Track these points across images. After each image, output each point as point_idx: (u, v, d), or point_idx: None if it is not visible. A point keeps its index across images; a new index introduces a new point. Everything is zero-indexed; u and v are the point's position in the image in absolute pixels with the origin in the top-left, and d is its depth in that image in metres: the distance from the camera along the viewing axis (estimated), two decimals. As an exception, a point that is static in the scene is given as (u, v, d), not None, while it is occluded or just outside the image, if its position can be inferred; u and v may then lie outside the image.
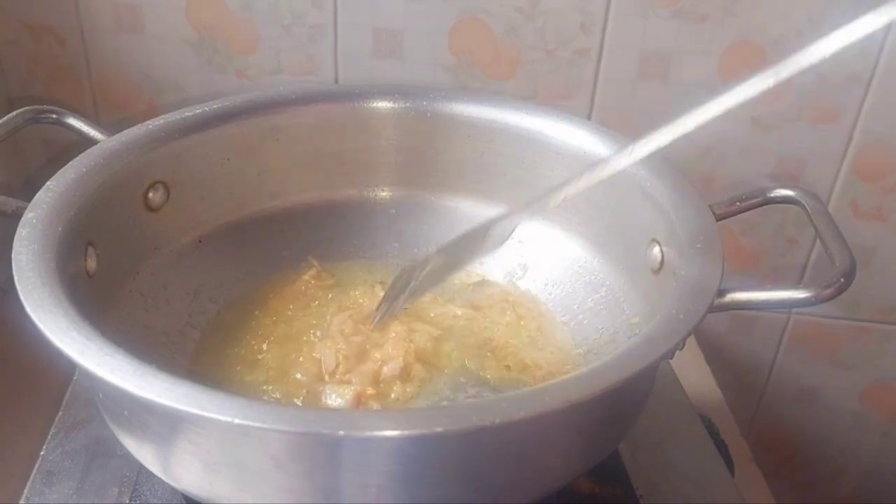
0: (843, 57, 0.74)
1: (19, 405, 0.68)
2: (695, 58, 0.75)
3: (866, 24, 0.45)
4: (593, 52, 0.76)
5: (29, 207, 0.48)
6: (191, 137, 0.58)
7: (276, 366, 0.55)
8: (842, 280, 0.46)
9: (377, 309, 0.57)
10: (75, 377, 0.62)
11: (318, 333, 0.57)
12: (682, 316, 0.44)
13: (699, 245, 0.49)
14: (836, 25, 0.74)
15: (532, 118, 0.62)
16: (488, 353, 0.57)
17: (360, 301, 0.60)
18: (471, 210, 0.65)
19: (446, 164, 0.65)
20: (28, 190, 0.50)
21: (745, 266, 0.85)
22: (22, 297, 0.42)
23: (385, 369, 0.53)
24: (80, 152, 0.54)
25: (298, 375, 0.54)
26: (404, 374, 0.54)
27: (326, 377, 0.53)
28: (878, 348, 0.89)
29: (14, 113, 0.57)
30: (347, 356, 0.54)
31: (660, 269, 0.53)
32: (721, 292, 0.46)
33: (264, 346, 0.57)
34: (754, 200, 0.55)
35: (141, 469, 0.54)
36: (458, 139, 0.64)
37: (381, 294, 0.59)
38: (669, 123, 0.46)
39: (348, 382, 0.53)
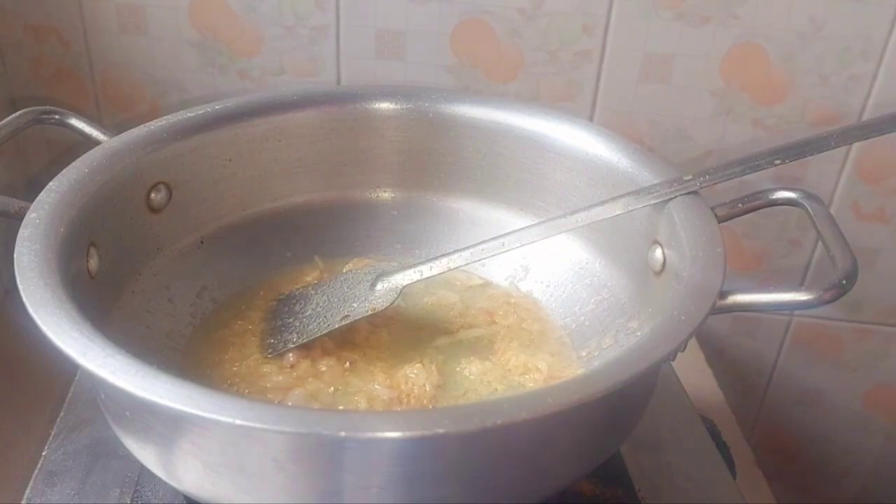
0: (846, 57, 0.74)
1: (21, 405, 0.68)
2: (697, 59, 0.75)
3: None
4: (595, 54, 0.76)
5: (31, 208, 0.48)
6: (193, 138, 0.58)
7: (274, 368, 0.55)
8: (844, 282, 0.45)
9: (267, 338, 0.57)
10: (77, 377, 0.62)
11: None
12: (683, 318, 0.44)
13: (701, 247, 0.49)
14: (837, 26, 0.74)
15: (534, 120, 0.62)
16: (490, 356, 0.57)
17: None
18: (472, 211, 0.65)
19: (448, 166, 0.65)
20: (30, 190, 0.50)
21: (747, 268, 0.85)
22: (24, 298, 0.42)
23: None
24: (82, 153, 0.54)
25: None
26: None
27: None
28: (880, 350, 0.89)
29: (17, 113, 0.57)
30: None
31: (662, 270, 0.53)
32: (723, 294, 0.46)
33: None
34: (756, 202, 0.55)
35: (142, 470, 0.54)
36: (460, 141, 0.64)
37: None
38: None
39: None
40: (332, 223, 0.66)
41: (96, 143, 0.57)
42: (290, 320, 0.57)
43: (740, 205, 0.55)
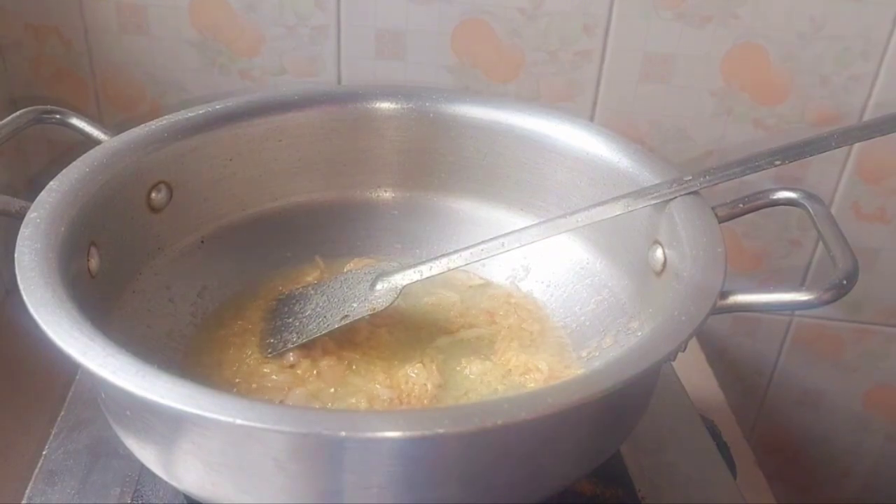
0: (846, 57, 0.74)
1: (22, 405, 0.68)
2: (697, 59, 0.75)
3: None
4: (596, 54, 0.76)
5: (32, 207, 0.48)
6: (194, 138, 0.58)
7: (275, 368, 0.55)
8: (844, 282, 0.45)
9: (266, 338, 0.57)
10: (78, 377, 0.62)
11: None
12: (684, 318, 0.44)
13: (702, 247, 0.49)
14: (837, 26, 0.74)
15: (534, 120, 0.62)
16: (490, 356, 0.57)
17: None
18: (472, 211, 0.65)
19: (449, 166, 0.65)
20: (31, 190, 0.50)
21: (747, 268, 0.85)
22: (25, 297, 0.42)
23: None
24: (83, 152, 0.54)
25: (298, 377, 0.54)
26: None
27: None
28: (881, 350, 0.89)
29: (18, 113, 0.57)
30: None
31: (662, 270, 0.53)
32: (723, 294, 0.46)
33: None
34: (757, 202, 0.55)
35: (143, 469, 0.54)
36: (460, 140, 0.64)
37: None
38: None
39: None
40: (332, 223, 0.66)
41: (97, 142, 0.57)
42: (290, 320, 0.57)
43: (741, 205, 0.55)
